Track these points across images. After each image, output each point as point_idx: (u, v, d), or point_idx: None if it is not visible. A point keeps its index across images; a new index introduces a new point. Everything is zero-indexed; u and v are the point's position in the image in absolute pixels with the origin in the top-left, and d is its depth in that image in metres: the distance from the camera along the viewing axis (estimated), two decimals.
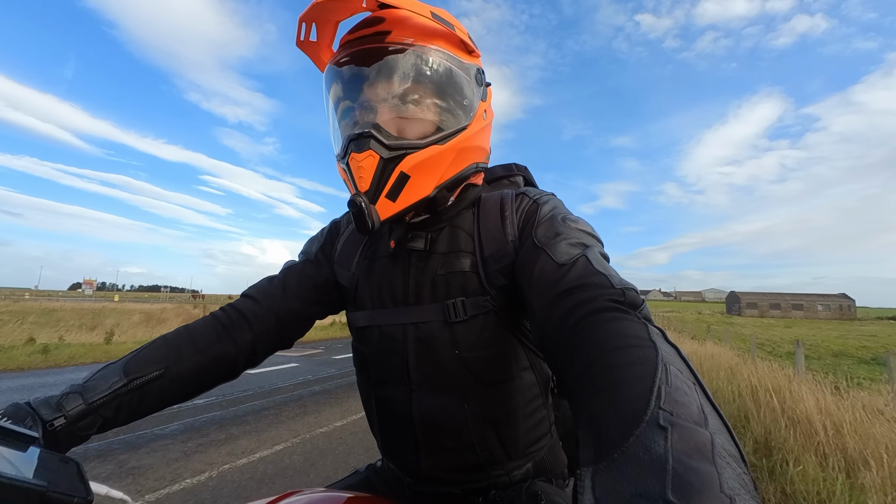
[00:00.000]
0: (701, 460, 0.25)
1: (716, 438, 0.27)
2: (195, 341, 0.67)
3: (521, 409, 0.66)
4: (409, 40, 0.59)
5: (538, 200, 0.65)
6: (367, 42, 0.60)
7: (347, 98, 0.63)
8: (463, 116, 0.63)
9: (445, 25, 0.60)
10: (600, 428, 0.30)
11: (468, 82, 0.64)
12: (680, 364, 0.35)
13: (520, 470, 0.68)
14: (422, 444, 0.66)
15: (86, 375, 0.61)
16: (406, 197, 0.59)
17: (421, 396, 0.64)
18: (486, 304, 0.62)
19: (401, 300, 0.66)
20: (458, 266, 0.64)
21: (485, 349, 0.62)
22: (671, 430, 0.27)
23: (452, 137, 0.61)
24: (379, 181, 0.57)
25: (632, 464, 0.26)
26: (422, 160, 0.58)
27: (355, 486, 0.77)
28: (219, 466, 3.18)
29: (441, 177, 0.62)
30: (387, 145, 0.57)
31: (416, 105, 0.60)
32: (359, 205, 0.56)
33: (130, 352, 0.65)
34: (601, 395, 0.33)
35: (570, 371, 0.40)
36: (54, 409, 0.54)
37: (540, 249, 0.55)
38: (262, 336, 0.72)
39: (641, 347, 0.36)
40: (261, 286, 0.76)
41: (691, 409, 0.29)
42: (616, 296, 0.44)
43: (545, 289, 0.51)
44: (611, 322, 0.41)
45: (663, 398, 0.30)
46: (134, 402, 0.60)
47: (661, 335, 0.39)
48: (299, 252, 0.82)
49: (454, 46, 0.63)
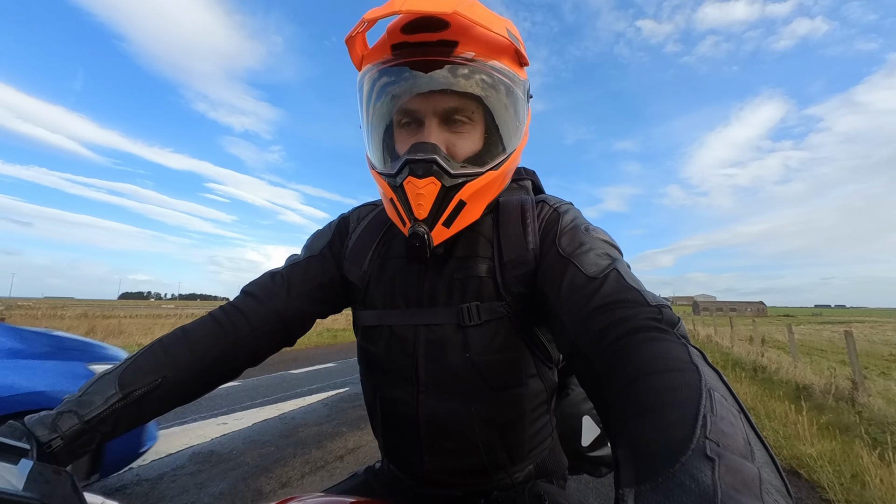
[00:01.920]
0: (749, 496, 0.25)
1: (763, 473, 0.27)
2: (193, 347, 0.64)
3: (528, 415, 0.66)
4: (472, 54, 0.55)
5: (559, 209, 0.65)
6: (430, 52, 0.55)
7: (396, 106, 0.60)
8: (514, 136, 0.62)
9: (513, 41, 0.57)
10: (643, 450, 0.30)
11: (522, 101, 0.62)
12: (723, 390, 0.34)
13: (522, 472, 0.69)
14: (426, 447, 0.65)
15: (80, 387, 0.57)
16: (460, 223, 0.58)
17: (428, 399, 0.64)
18: (500, 309, 0.61)
19: (414, 302, 0.65)
20: (474, 271, 0.63)
21: (496, 354, 0.62)
22: (718, 462, 0.26)
23: (507, 161, 0.60)
24: (438, 209, 0.56)
25: (678, 491, 0.26)
26: (480, 188, 0.58)
27: (353, 490, 0.75)
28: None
29: (490, 199, 0.62)
30: (451, 174, 0.55)
31: (471, 123, 0.58)
32: (421, 236, 0.55)
33: (125, 359, 0.61)
34: (643, 418, 0.33)
35: (609, 389, 0.40)
36: (50, 430, 0.51)
37: (567, 260, 0.55)
38: (264, 336, 0.69)
39: (684, 371, 0.35)
40: (263, 284, 0.73)
41: (737, 441, 0.29)
42: (653, 314, 0.44)
43: (577, 303, 0.50)
44: (651, 343, 0.40)
45: (709, 427, 0.29)
46: (132, 414, 0.58)
47: (702, 357, 0.39)
48: (303, 247, 0.78)
49: (513, 61, 0.59)
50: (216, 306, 0.72)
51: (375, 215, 0.75)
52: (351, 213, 0.80)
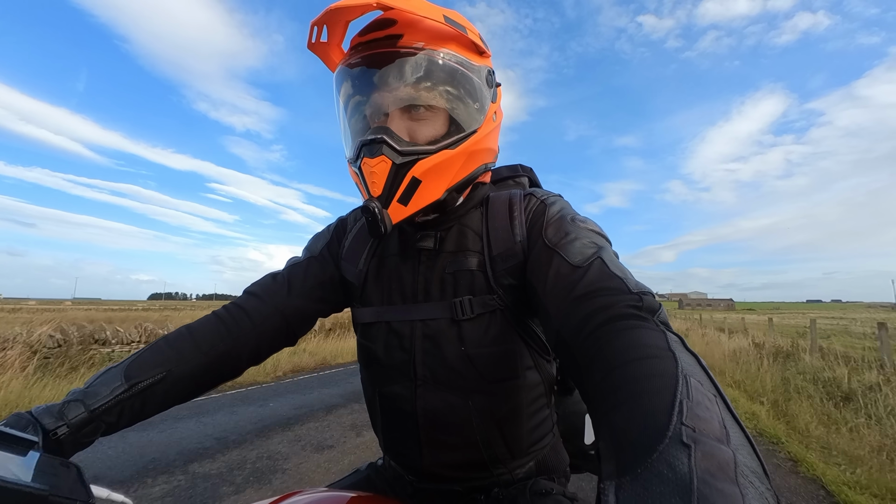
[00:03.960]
0: (724, 480, 0.25)
1: (738, 456, 0.27)
2: (197, 342, 0.66)
3: (526, 408, 0.67)
4: (421, 44, 0.58)
5: (546, 201, 0.65)
6: (378, 46, 0.59)
7: (358, 101, 0.63)
8: (474, 119, 0.63)
9: (457, 28, 0.60)
10: (621, 442, 0.30)
11: (479, 85, 0.64)
12: (700, 375, 0.35)
13: (522, 468, 0.69)
14: (425, 441, 0.66)
15: (87, 380, 0.60)
16: (417, 201, 0.59)
17: (426, 393, 0.64)
18: (492, 302, 0.62)
19: (409, 297, 0.66)
20: (465, 265, 0.64)
21: (491, 347, 0.63)
22: (694, 448, 0.27)
23: (463, 141, 0.61)
24: (391, 186, 0.58)
25: (656, 481, 0.26)
26: (433, 165, 0.58)
27: (356, 485, 0.76)
28: None
29: (451, 180, 0.62)
30: (399, 151, 0.57)
31: (428, 109, 0.60)
32: (372, 210, 0.57)
33: (131, 354, 0.64)
34: (621, 408, 0.33)
35: (589, 380, 0.41)
36: (56, 418, 0.53)
37: (552, 250, 0.56)
38: (267, 335, 0.71)
39: (660, 358, 0.36)
40: (265, 284, 0.75)
41: (713, 425, 0.29)
42: (633, 301, 0.44)
43: (561, 292, 0.51)
44: (629, 331, 0.41)
45: (685, 413, 0.29)
46: (136, 406, 0.60)
47: (680, 343, 0.39)
48: (303, 248, 0.81)
49: (465, 49, 0.62)
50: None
51: None
52: (349, 214, 0.82)
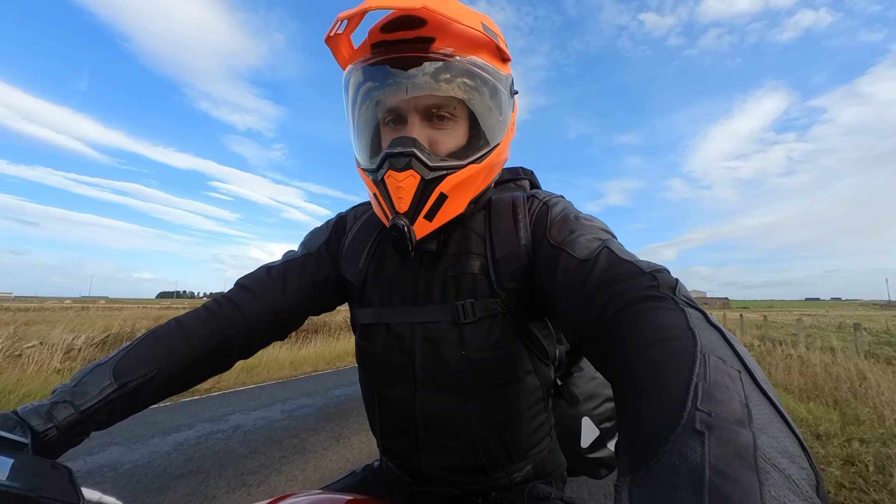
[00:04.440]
0: (741, 468, 0.23)
1: (760, 438, 0.25)
2: (187, 337, 0.64)
3: (525, 412, 0.66)
4: (451, 49, 0.56)
5: (548, 202, 0.65)
6: (407, 48, 0.56)
7: (376, 102, 0.61)
8: (497, 131, 0.62)
9: (491, 37, 0.57)
10: (637, 433, 0.29)
11: (505, 95, 0.62)
12: (723, 350, 0.32)
13: (520, 472, 0.69)
14: (423, 444, 0.65)
15: (74, 376, 0.57)
16: (442, 216, 0.58)
17: (425, 396, 0.64)
18: (494, 306, 0.62)
19: (410, 299, 0.65)
20: (467, 268, 0.63)
21: (492, 351, 0.62)
22: (708, 435, 0.25)
23: (489, 155, 0.60)
24: (419, 202, 0.56)
25: (668, 474, 0.24)
26: (461, 180, 0.57)
27: (352, 488, 0.75)
28: None
29: (474, 193, 0.61)
30: (430, 167, 0.55)
31: (453, 119, 0.58)
32: (401, 228, 0.55)
33: (120, 349, 0.61)
34: (636, 398, 0.31)
35: (612, 371, 0.39)
36: (45, 420, 0.51)
37: (558, 249, 0.55)
38: (258, 330, 0.70)
39: (678, 339, 0.34)
40: (258, 278, 0.73)
41: (732, 407, 0.27)
42: (648, 281, 0.43)
43: (573, 288, 0.50)
44: (646, 314, 0.38)
45: (700, 397, 0.27)
46: (127, 404, 0.58)
47: (703, 318, 0.37)
48: (300, 243, 0.78)
49: (493, 57, 0.60)
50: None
51: (372, 214, 0.75)
52: (348, 212, 0.80)
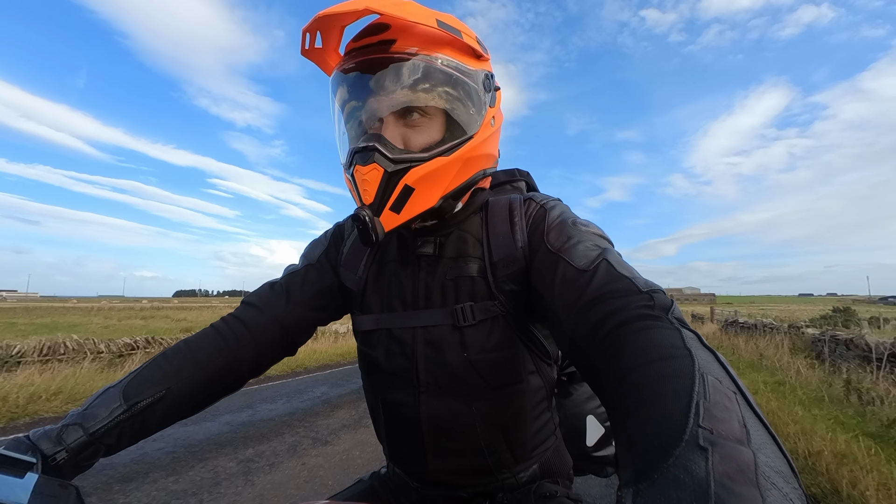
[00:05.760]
0: (744, 483, 0.24)
1: (759, 457, 0.26)
2: (196, 357, 0.65)
3: (529, 412, 0.67)
4: (414, 49, 0.57)
5: (545, 205, 0.65)
6: (371, 51, 0.58)
7: (352, 106, 0.62)
8: (470, 125, 0.62)
9: (451, 33, 0.59)
10: (639, 448, 0.30)
11: (475, 90, 0.63)
12: (719, 372, 0.33)
13: (526, 472, 0.69)
14: (429, 448, 0.66)
15: (85, 401, 0.58)
16: (410, 209, 0.58)
17: (429, 399, 0.64)
18: (494, 308, 0.62)
19: (410, 304, 0.66)
20: (465, 271, 0.64)
21: (493, 352, 0.62)
22: (711, 451, 0.26)
23: (458, 148, 0.60)
24: (383, 194, 0.57)
25: (673, 486, 0.25)
26: (426, 173, 0.58)
27: (359, 496, 0.76)
28: None
29: (446, 187, 0.61)
30: (391, 159, 0.56)
31: (422, 115, 0.59)
32: (363, 218, 0.56)
33: (130, 373, 0.62)
34: (637, 414, 0.32)
35: (607, 386, 0.40)
36: (55, 443, 0.52)
37: (556, 255, 0.56)
38: (266, 345, 0.70)
39: (677, 358, 0.35)
40: (262, 293, 0.74)
41: (732, 426, 0.28)
42: (645, 301, 0.44)
43: (570, 298, 0.50)
44: (643, 332, 0.40)
45: (702, 415, 0.28)
46: (137, 426, 0.59)
47: (697, 339, 0.38)
48: (300, 256, 0.79)
49: (461, 53, 0.61)
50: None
51: None
52: (346, 220, 0.81)
